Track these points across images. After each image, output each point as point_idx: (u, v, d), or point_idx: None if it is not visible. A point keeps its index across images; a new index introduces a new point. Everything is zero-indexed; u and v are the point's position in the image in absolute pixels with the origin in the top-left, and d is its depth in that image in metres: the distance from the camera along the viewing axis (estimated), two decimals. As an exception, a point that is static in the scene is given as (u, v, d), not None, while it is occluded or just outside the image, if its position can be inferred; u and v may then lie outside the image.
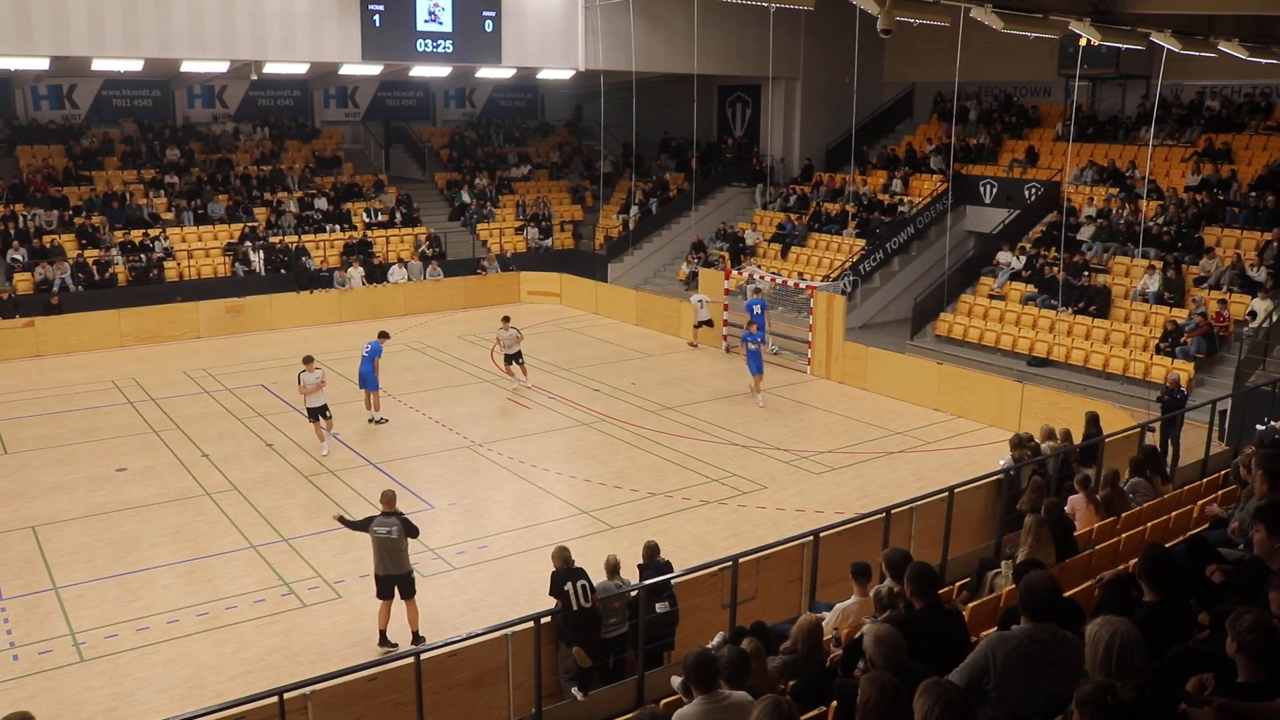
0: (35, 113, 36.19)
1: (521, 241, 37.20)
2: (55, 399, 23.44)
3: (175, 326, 29.47)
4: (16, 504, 17.06)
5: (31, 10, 24.87)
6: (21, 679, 11.79)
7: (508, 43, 31.29)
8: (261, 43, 27.90)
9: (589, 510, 16.58)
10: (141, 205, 33.51)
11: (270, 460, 19.03)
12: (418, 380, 24.67)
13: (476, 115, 44.47)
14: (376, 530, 12.37)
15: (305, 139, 39.41)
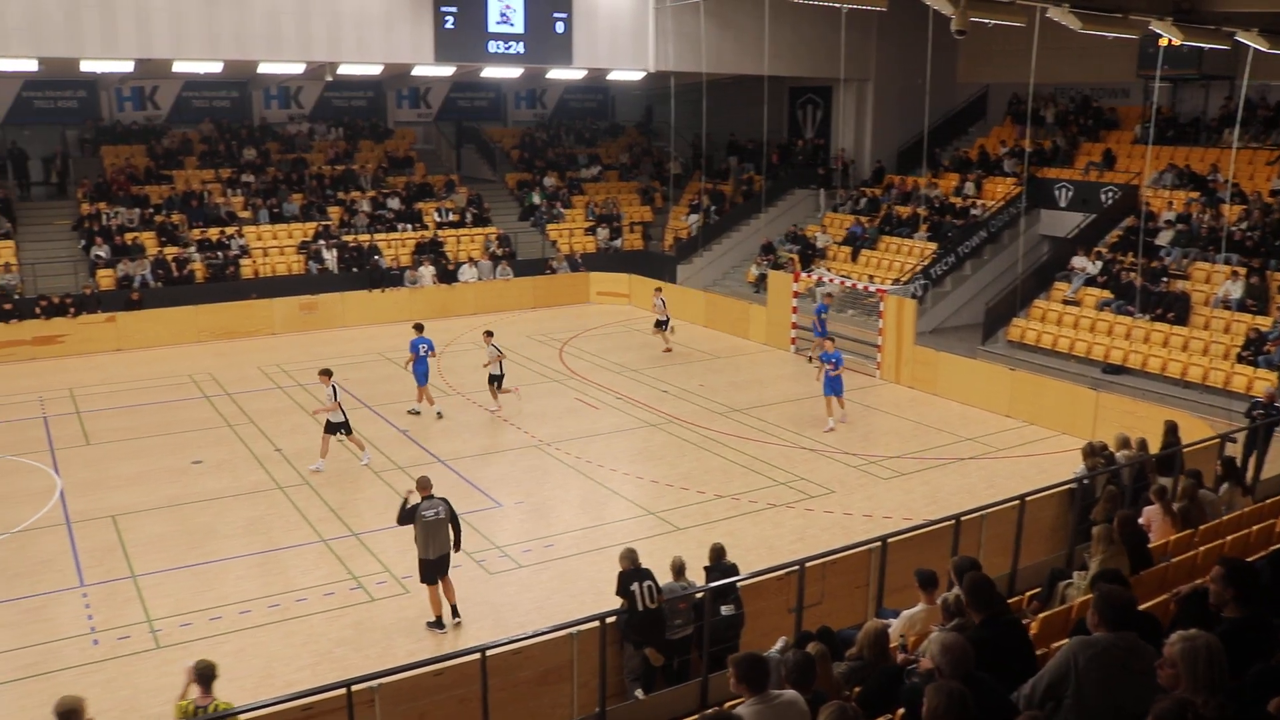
0: (119, 114, 37.16)
1: (591, 242, 37.34)
2: (134, 392, 24.03)
3: (250, 323, 30.07)
4: (97, 494, 17.51)
5: (117, 14, 25.52)
6: (101, 663, 12.10)
7: (579, 44, 31.43)
8: (336, 44, 28.33)
9: (655, 511, 16.59)
10: (219, 204, 34.20)
11: (341, 456, 19.30)
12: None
13: (547, 116, 44.76)
14: (424, 514, 12.70)
15: (378, 139, 39.93)
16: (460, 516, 13.98)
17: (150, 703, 11.27)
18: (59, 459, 19.40)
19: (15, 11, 24.54)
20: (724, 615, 10.51)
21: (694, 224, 36.76)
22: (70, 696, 8.16)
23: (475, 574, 14.32)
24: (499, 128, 43.20)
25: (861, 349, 26.26)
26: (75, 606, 13.58)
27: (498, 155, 41.09)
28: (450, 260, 34.28)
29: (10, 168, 33.90)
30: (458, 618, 13.09)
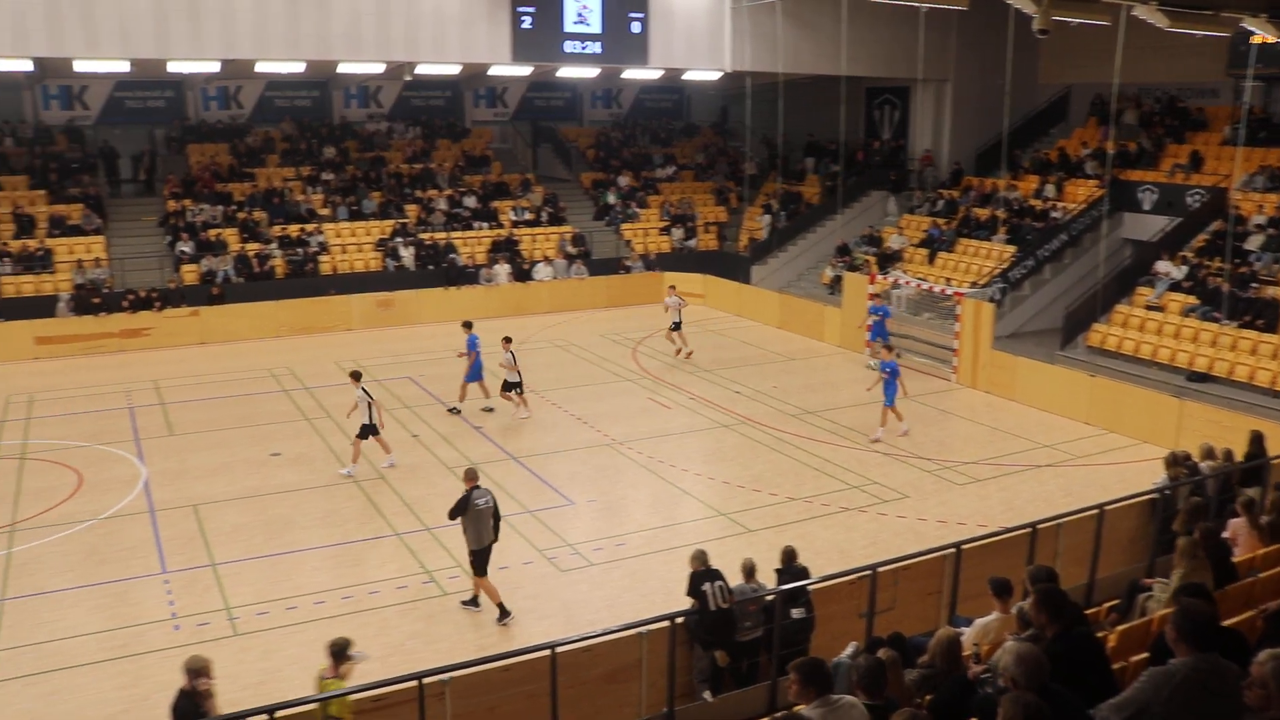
0: (204, 113, 38.10)
1: (665, 242, 37.39)
2: (216, 385, 24.58)
3: (328, 318, 30.61)
4: (180, 484, 17.96)
5: (203, 16, 26.12)
6: (182, 648, 12.37)
7: (655, 44, 31.47)
8: (415, 44, 28.69)
9: (727, 512, 16.57)
10: (299, 201, 34.83)
11: (416, 451, 19.56)
12: (560, 377, 25.02)
13: (623, 116, 44.91)
14: (477, 503, 12.96)
15: (455, 138, 40.37)
16: (532, 513, 14.14)
17: (229, 688, 11.47)
18: (144, 449, 19.93)
19: (108, 15, 25.25)
20: (794, 619, 10.47)
21: (769, 225, 36.62)
22: (198, 656, 8.87)
23: (546, 571, 14.44)
24: (575, 127, 43.44)
25: (938, 353, 25.98)
26: (158, 592, 13.94)
27: (573, 155, 41.33)
28: (525, 259, 34.54)
29: (102, 165, 34.89)
30: (477, 607, 13.32)
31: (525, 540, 15.41)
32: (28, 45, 25.07)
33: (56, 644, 12.54)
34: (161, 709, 10.90)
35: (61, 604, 13.64)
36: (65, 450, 19.86)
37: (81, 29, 25.18)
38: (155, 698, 11.31)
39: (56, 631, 12.86)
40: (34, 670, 11.94)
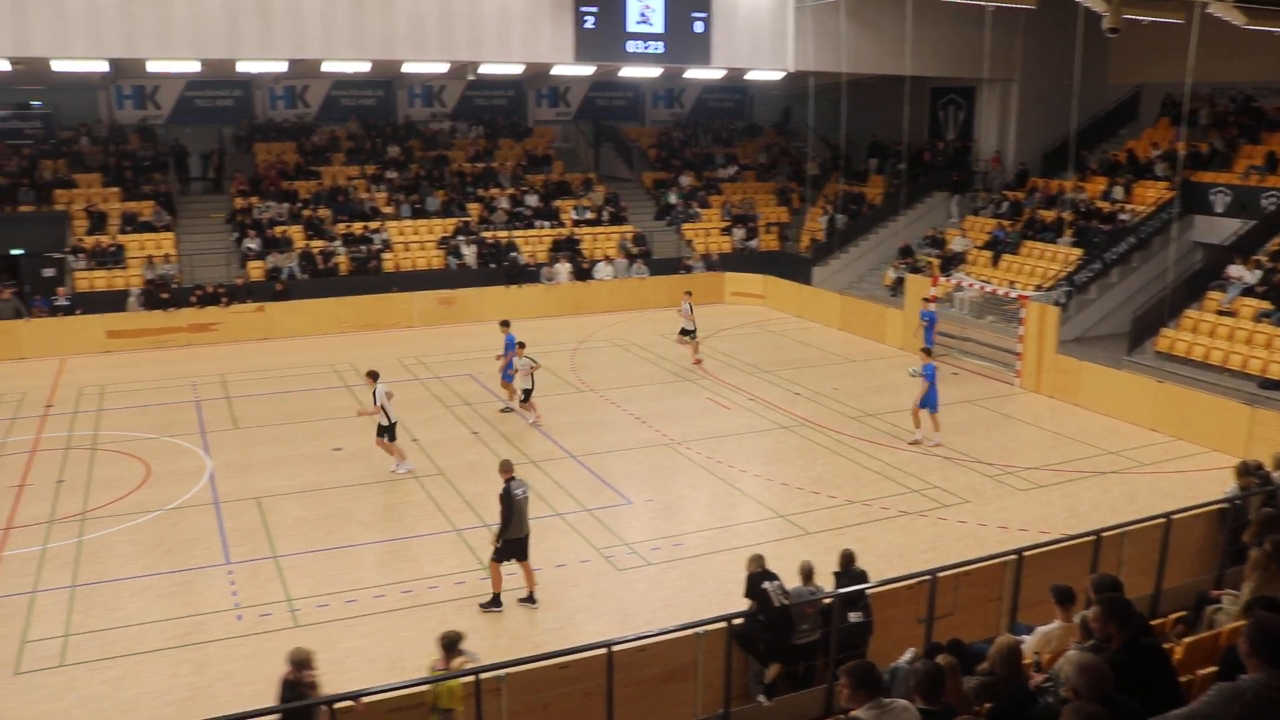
0: (272, 112, 38.72)
1: (727, 242, 37.30)
2: (280, 380, 24.95)
3: (391, 315, 30.95)
4: (244, 476, 18.25)
5: (272, 17, 26.52)
6: (243, 638, 12.62)
7: (717, 44, 31.38)
8: (478, 44, 28.89)
9: (785, 514, 16.49)
10: (363, 199, 35.24)
11: (476, 448, 19.70)
12: (619, 376, 25.07)
13: (685, 116, 44.89)
14: (516, 493, 13.21)
15: (518, 137, 40.61)
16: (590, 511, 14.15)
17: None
18: (209, 442, 20.29)
19: (181, 16, 25.74)
20: (852, 622, 10.40)
21: (830, 225, 36.38)
22: (302, 648, 9.14)
23: (603, 569, 14.47)
24: (637, 127, 43.49)
25: (1000, 356, 25.65)
26: (221, 582, 14.18)
27: (635, 154, 41.38)
28: (586, 258, 34.65)
29: (172, 164, 35.57)
30: (498, 607, 13.43)
31: (583, 539, 15.46)
32: (103, 47, 25.64)
33: (123, 630, 12.81)
34: (224, 697, 11.17)
35: (129, 592, 13.94)
36: (134, 442, 20.27)
37: (155, 30, 25.69)
38: (217, 686, 11.53)
39: (123, 619, 13.14)
40: (102, 656, 12.21)
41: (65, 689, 11.56)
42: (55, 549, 15.34)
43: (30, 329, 28.22)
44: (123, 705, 11.20)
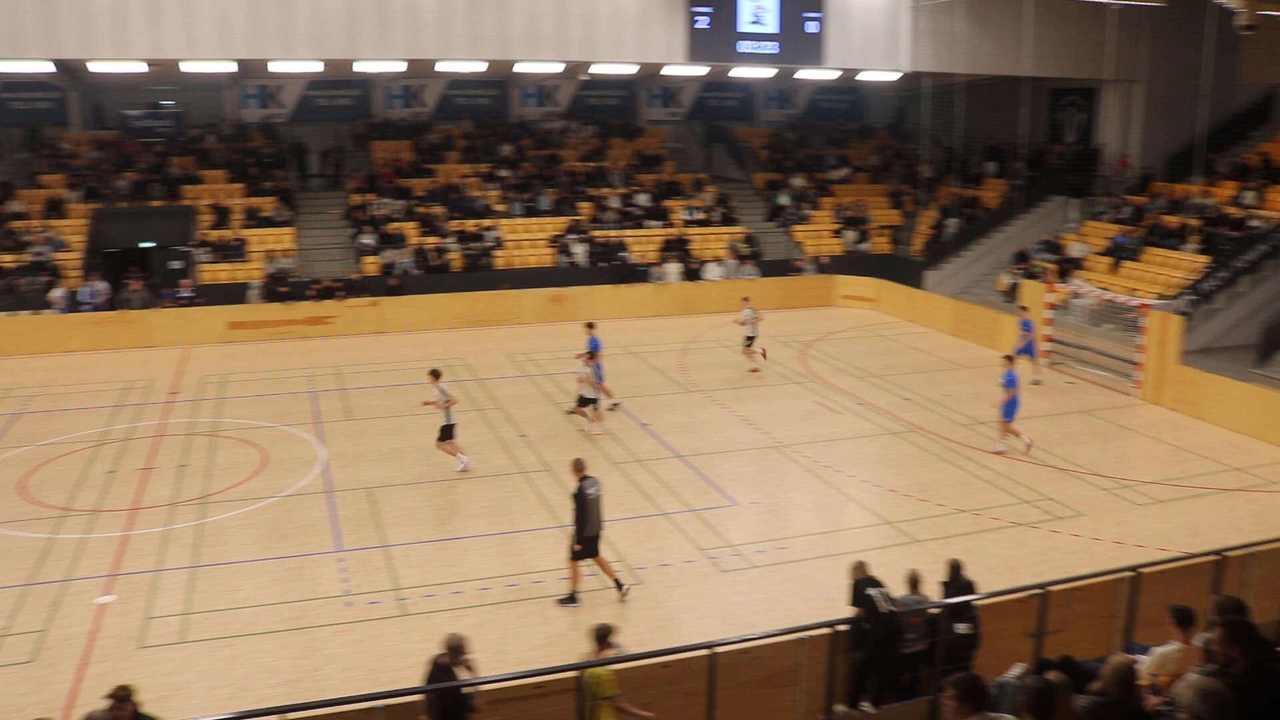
0: (389, 111, 39.61)
1: (838, 245, 36.92)
2: (393, 373, 25.48)
3: (501, 312, 31.37)
4: (356, 466, 18.68)
5: (390, 18, 27.10)
6: (352, 624, 12.90)
7: (831, 44, 31.09)
8: (591, 44, 29.10)
9: (892, 521, 16.26)
10: (476, 197, 35.78)
11: (583, 447, 19.83)
12: (727, 378, 25.00)
13: (797, 116, 44.61)
14: (589, 492, 13.29)
15: (629, 137, 40.78)
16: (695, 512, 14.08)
17: (394, 665, 11.92)
18: (324, 431, 20.81)
19: (303, 18, 26.48)
20: (959, 634, 10.20)
21: (944, 229, 35.76)
22: (458, 634, 9.42)
23: (707, 570, 14.44)
24: (748, 127, 43.35)
25: (1119, 366, 24.90)
26: (332, 569, 14.53)
27: (746, 155, 41.24)
28: (695, 258, 34.64)
29: (293, 161, 36.60)
30: (574, 603, 13.53)
31: (688, 539, 15.46)
32: (231, 48, 26.53)
33: (239, 612, 13.22)
34: (332, 680, 11.45)
35: (245, 574, 14.38)
36: (252, 429, 20.90)
37: (279, 32, 26.49)
38: (326, 669, 11.81)
39: (239, 600, 13.56)
40: (218, 635, 12.62)
41: (184, 664, 11.98)
42: (177, 530, 15.91)
43: (158, 318, 29.33)
44: (236, 683, 11.55)
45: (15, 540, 15.63)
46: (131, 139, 35.98)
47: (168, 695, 11.05)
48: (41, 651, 12.29)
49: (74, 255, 31.29)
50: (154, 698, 10.53)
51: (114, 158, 35.09)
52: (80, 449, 19.94)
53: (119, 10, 25.34)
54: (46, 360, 27.48)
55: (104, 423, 21.67)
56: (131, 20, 25.49)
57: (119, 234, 32.85)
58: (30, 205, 32.80)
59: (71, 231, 32.12)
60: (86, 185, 33.63)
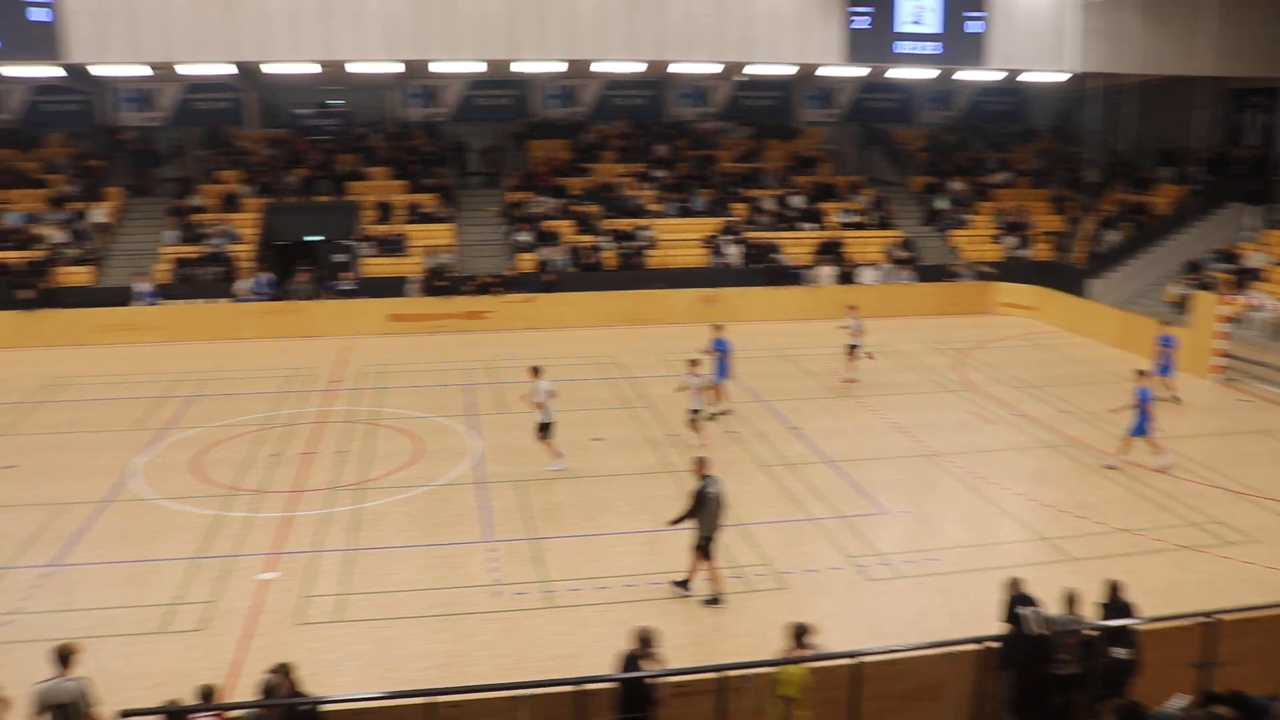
0: (547, 111, 40.28)
1: (997, 250, 35.93)
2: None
3: (653, 311, 31.52)
4: (508, 459, 19.04)
5: (550, 19, 27.53)
6: (500, 613, 13.14)
7: (994, 44, 30.22)
8: (748, 45, 28.97)
9: (1048, 537, 15.71)
10: (631, 196, 36.03)
11: (732, 447, 19.78)
12: (881, 384, 24.59)
13: (957, 118, 43.58)
14: (711, 491, 13.28)
15: (785, 138, 40.51)
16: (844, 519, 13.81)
17: (540, 655, 12.09)
18: (477, 424, 21.26)
19: (465, 20, 27.14)
20: (1117, 658, 9.79)
21: (1110, 236, 34.40)
22: (649, 627, 9.68)
23: (854, 578, 14.22)
24: (907, 129, 42.57)
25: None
26: (483, 559, 14.82)
27: (904, 157, 40.49)
28: (850, 262, 34.18)
29: (454, 159, 37.52)
30: (686, 591, 13.62)
31: (835, 546, 15.25)
32: (396, 49, 27.37)
33: (392, 595, 13.62)
34: (479, 667, 11.72)
35: (398, 559, 14.80)
36: (409, 419, 21.49)
37: (443, 34, 27.19)
38: (474, 656, 12.06)
39: (392, 584, 13.96)
40: (372, 616, 13.03)
41: (338, 643, 12.40)
42: (336, 514, 16.48)
43: (322, 309, 30.48)
44: (387, 664, 11.88)
45: (188, 515, 16.45)
46: (301, 137, 37.45)
47: (321, 672, 11.42)
48: (209, 621, 12.92)
49: (246, 247, 32.76)
50: (308, 674, 10.86)
51: (285, 155, 36.59)
52: (248, 432, 20.85)
53: (294, 14, 26.41)
54: (219, 346, 28.88)
55: (270, 408, 22.62)
56: (305, 24, 26.54)
57: (288, 228, 34.27)
58: (208, 200, 34.48)
59: (245, 225, 33.64)
60: (259, 181, 35.18)
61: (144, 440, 20.36)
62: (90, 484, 17.88)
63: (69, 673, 9.05)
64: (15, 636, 12.54)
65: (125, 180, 35.74)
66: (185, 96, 38.48)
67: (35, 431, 21.24)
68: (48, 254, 31.52)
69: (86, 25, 25.78)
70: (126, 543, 15.50)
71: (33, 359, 27.69)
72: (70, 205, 33.63)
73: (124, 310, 29.94)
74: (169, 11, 25.93)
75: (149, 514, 16.58)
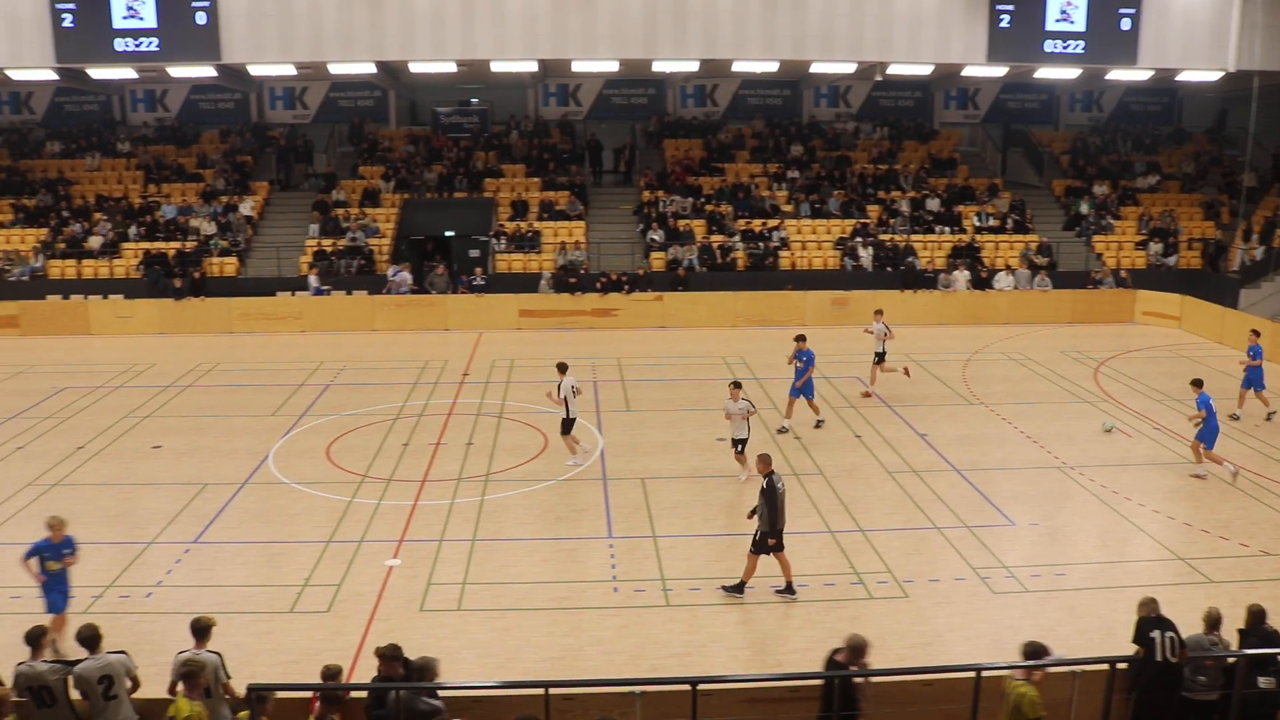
0: (682, 110, 40.38)
1: (1141, 257, 34.64)
2: (672, 367, 25.95)
3: (783, 312, 31.33)
4: (630, 456, 19.13)
5: (688, 18, 27.53)
6: (617, 609, 13.22)
7: (1146, 42, 29.04)
8: (888, 45, 28.51)
9: (1185, 557, 15.06)
10: (764, 197, 35.85)
11: (857, 451, 19.53)
12: (1012, 392, 23.97)
13: (1103, 120, 42.16)
14: (778, 486, 13.33)
15: (922, 139, 39.80)
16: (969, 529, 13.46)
17: (655, 653, 12.11)
18: (603, 420, 21.43)
19: (603, 19, 27.35)
20: (1261, 688, 9.32)
21: (1267, 244, 32.81)
22: (860, 635, 9.53)
23: (978, 590, 13.88)
24: (1049, 131, 41.37)
25: None
26: (602, 554, 14.93)
27: (1045, 160, 39.34)
28: (985, 266, 33.39)
29: (588, 157, 37.89)
30: (740, 593, 13.56)
31: (959, 556, 14.91)
32: (535, 49, 27.75)
33: (511, 586, 13.82)
34: (594, 661, 11.81)
35: (520, 552, 15.02)
36: (536, 414, 21.78)
37: (581, 33, 27.47)
38: (589, 650, 12.14)
39: (512, 575, 14.17)
40: (492, 606, 13.24)
41: (459, 631, 12.64)
42: (461, 504, 16.80)
43: (455, 303, 31.12)
44: (505, 654, 12.06)
45: (321, 500, 16.98)
46: (441, 134, 38.29)
47: (443, 658, 11.58)
48: (336, 604, 13.31)
49: (385, 241, 33.66)
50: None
51: (424, 152, 37.47)
52: (379, 421, 21.43)
53: (437, 15, 27.02)
54: (355, 337, 29.78)
55: (401, 398, 23.19)
56: (447, 24, 27.12)
57: (425, 223, 35.15)
58: (350, 194, 35.54)
59: (384, 219, 34.57)
60: (399, 177, 36.10)
61: (281, 426, 21.11)
62: (230, 466, 18.64)
63: (205, 645, 9.41)
64: (156, 608, 13.16)
65: (272, 175, 37.11)
66: (330, 95, 39.77)
67: (180, 414, 22.22)
68: (198, 245, 32.94)
69: (242, 27, 26.85)
70: (262, 524, 16.11)
71: (180, 345, 29.01)
72: (221, 199, 35.07)
73: (266, 300, 31.12)
74: (318, 13, 26.82)
75: (284, 497, 17.18)
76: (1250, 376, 21.90)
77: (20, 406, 22.58)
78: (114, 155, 37.87)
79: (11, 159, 37.50)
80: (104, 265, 32.54)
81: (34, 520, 16.05)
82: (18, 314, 30.49)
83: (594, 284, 31.50)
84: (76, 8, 26.50)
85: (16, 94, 39.77)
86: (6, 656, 10.58)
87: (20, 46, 26.94)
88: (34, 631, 9.46)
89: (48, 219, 34.27)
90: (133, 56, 27.24)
